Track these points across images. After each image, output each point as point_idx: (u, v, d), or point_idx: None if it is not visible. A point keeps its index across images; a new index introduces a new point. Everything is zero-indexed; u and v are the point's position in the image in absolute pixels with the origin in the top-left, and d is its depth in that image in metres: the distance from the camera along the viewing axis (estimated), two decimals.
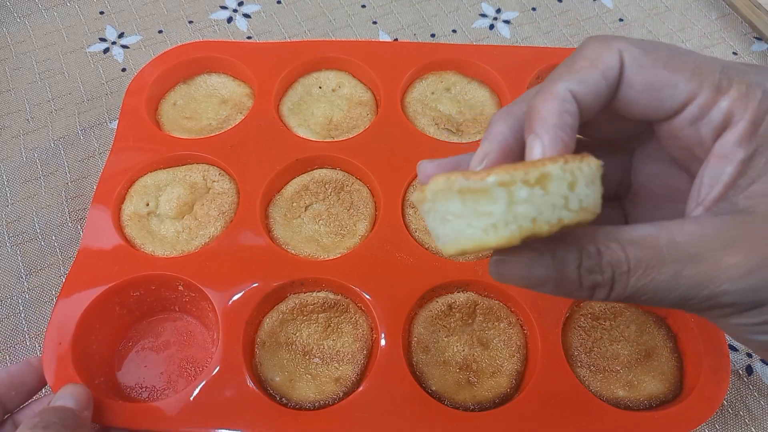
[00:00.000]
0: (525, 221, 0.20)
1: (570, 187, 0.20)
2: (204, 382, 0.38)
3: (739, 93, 0.22)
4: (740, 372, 0.42)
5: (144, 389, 0.41)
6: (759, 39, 0.61)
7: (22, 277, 0.45)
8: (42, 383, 0.37)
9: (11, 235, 0.47)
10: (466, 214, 0.20)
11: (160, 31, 0.61)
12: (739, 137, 0.22)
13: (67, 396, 0.34)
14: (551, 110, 0.23)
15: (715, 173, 0.22)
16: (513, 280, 0.24)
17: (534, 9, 0.64)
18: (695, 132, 0.23)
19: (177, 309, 0.43)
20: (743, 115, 0.22)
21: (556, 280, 0.23)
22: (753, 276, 0.20)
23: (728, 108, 0.22)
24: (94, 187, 0.46)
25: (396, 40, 0.61)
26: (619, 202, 0.30)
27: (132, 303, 0.42)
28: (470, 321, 0.42)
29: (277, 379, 0.40)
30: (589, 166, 0.21)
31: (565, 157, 0.21)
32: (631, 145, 0.28)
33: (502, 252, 0.23)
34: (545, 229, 0.20)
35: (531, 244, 0.23)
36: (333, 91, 0.53)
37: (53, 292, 0.45)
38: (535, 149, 0.22)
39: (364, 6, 0.63)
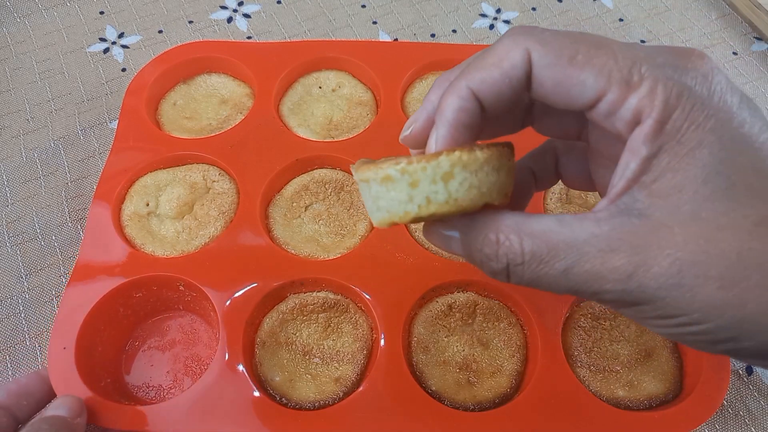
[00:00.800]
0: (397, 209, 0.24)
1: (411, 186, 0.24)
2: (204, 383, 0.38)
3: (648, 89, 0.22)
4: (740, 372, 0.42)
5: (151, 389, 0.41)
6: (759, 39, 0.61)
7: (22, 277, 0.45)
8: (52, 393, 0.37)
9: (11, 235, 0.47)
10: (381, 195, 0.25)
11: (160, 31, 0.61)
12: (645, 135, 0.22)
13: (59, 406, 0.35)
14: (450, 106, 0.24)
15: (623, 167, 0.23)
16: (437, 246, 0.27)
17: (534, 9, 0.64)
18: (611, 124, 0.23)
19: (181, 307, 0.44)
20: (650, 113, 0.21)
21: (466, 257, 0.26)
22: (630, 280, 0.22)
23: (636, 105, 0.22)
24: (94, 187, 0.46)
25: (396, 40, 0.61)
26: (583, 156, 0.30)
27: (135, 304, 0.42)
28: (470, 321, 0.42)
29: (277, 379, 0.40)
30: (441, 164, 0.23)
31: (417, 158, 0.24)
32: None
33: (431, 222, 0.26)
34: (425, 213, 0.24)
35: (452, 220, 0.25)
36: (333, 91, 0.54)
37: (53, 292, 0.45)
38: (430, 141, 0.25)
39: (364, 6, 0.63)
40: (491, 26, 0.62)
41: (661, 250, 0.21)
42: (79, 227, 0.48)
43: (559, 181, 0.33)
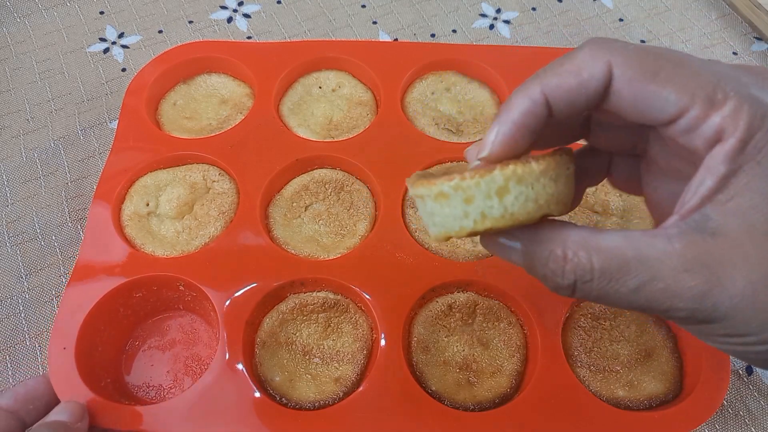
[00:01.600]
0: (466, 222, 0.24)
1: (465, 202, 0.24)
2: (204, 383, 0.38)
3: (732, 109, 0.21)
4: (740, 372, 0.42)
5: (151, 389, 0.41)
6: (759, 39, 0.61)
7: (22, 277, 0.45)
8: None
9: (11, 235, 0.47)
10: (435, 211, 0.25)
11: (160, 31, 0.61)
12: (725, 154, 0.22)
13: (61, 411, 0.35)
14: (519, 106, 0.24)
15: (697, 184, 0.22)
16: (494, 254, 0.27)
17: (534, 9, 0.64)
18: (689, 141, 0.23)
19: (181, 307, 0.44)
20: (734, 132, 0.21)
21: (526, 269, 0.25)
22: (704, 299, 0.22)
23: (719, 123, 0.22)
24: (94, 187, 0.46)
25: (396, 40, 0.61)
26: (637, 160, 0.30)
27: (135, 304, 0.42)
28: (470, 321, 0.42)
29: (277, 379, 0.40)
30: (495, 179, 0.23)
31: (471, 172, 0.23)
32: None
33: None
34: (483, 227, 0.24)
35: (513, 230, 0.25)
36: (333, 91, 0.53)
37: (53, 292, 0.45)
38: (489, 135, 0.25)
39: (364, 6, 0.63)
40: (491, 26, 0.62)
41: (736, 269, 0.21)
42: (79, 227, 0.48)
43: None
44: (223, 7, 0.63)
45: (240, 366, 0.38)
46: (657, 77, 0.22)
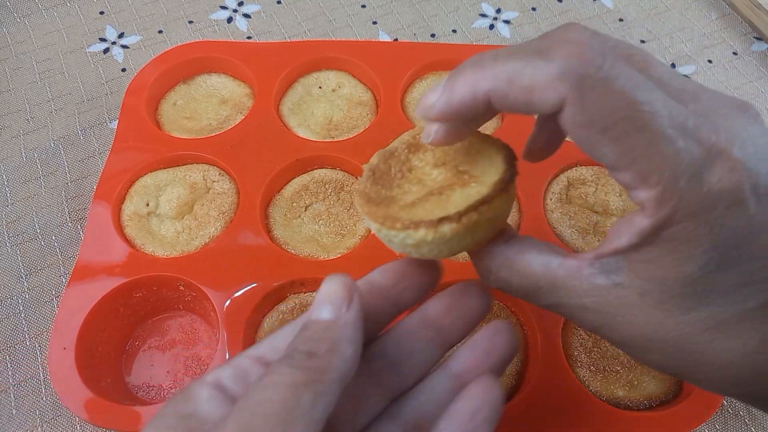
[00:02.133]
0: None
1: (388, 242, 0.26)
2: None
3: (656, 196, 0.21)
4: None
5: (151, 388, 0.41)
6: (759, 39, 0.61)
7: (22, 277, 0.45)
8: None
9: (11, 235, 0.47)
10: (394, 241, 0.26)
11: (160, 31, 0.61)
12: (642, 228, 0.22)
13: (322, 301, 0.25)
14: (458, 95, 0.24)
15: (616, 235, 0.24)
16: None
17: (534, 9, 0.64)
18: (621, 181, 0.23)
19: (181, 307, 0.44)
20: (653, 215, 0.22)
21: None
22: (600, 330, 0.25)
23: (642, 199, 0.22)
24: (94, 187, 0.46)
25: (396, 40, 0.61)
26: None
27: (135, 304, 0.42)
28: None
29: None
30: (408, 237, 0.25)
31: (389, 223, 0.25)
32: None
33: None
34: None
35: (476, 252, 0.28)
36: (333, 91, 0.54)
37: (53, 292, 0.45)
38: (428, 128, 0.26)
39: (364, 6, 0.63)
40: (491, 26, 0.62)
41: (625, 321, 0.24)
42: (79, 227, 0.48)
43: (559, 184, 0.32)
44: (223, 7, 0.63)
45: None
46: (604, 133, 0.22)
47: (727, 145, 0.21)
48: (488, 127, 0.50)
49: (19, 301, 0.44)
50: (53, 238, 0.47)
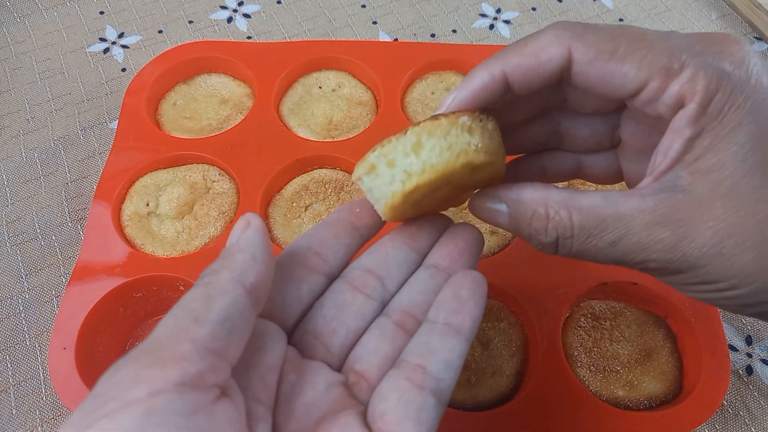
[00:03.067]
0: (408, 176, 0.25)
1: (389, 165, 0.25)
2: None
3: (688, 76, 0.23)
4: (740, 372, 0.42)
5: None
6: (759, 39, 0.61)
7: (22, 277, 0.45)
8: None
9: (11, 235, 0.47)
10: (372, 186, 0.26)
11: (160, 31, 0.61)
12: (688, 118, 0.23)
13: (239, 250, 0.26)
14: (479, 78, 0.26)
15: (666, 147, 0.24)
16: (484, 220, 0.28)
17: (534, 9, 0.64)
18: (654, 109, 0.25)
19: None
20: (692, 97, 0.23)
21: (512, 231, 0.27)
22: (675, 250, 0.23)
23: (678, 91, 0.23)
24: (94, 187, 0.46)
25: (396, 40, 0.61)
26: (615, 150, 0.31)
27: (135, 304, 0.42)
28: None
29: None
30: (408, 137, 0.25)
31: (388, 138, 0.25)
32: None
33: (478, 193, 0.28)
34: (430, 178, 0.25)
35: (496, 192, 0.27)
36: (333, 91, 0.54)
37: (53, 292, 0.45)
38: (445, 99, 0.27)
39: (364, 6, 0.63)
40: (491, 26, 0.62)
41: (704, 222, 0.23)
42: (79, 227, 0.48)
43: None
44: (223, 7, 0.63)
45: None
46: (615, 55, 0.24)
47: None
48: None
49: (19, 301, 0.44)
50: (53, 238, 0.47)
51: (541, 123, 0.31)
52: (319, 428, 0.24)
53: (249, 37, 0.61)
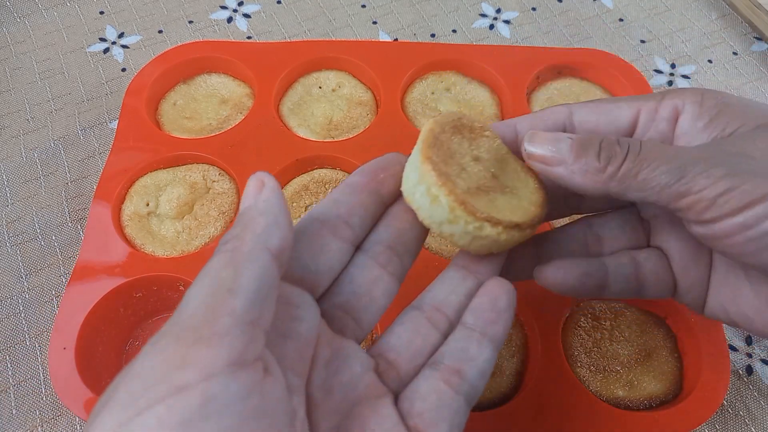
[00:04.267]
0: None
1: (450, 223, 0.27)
2: None
3: (677, 95, 0.28)
4: (740, 372, 0.42)
5: None
6: (759, 39, 0.61)
7: (22, 277, 0.45)
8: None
9: (11, 235, 0.47)
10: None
11: (160, 31, 0.61)
12: (692, 114, 0.27)
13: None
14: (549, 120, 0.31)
15: (685, 128, 0.27)
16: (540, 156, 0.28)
17: (534, 9, 0.64)
18: (656, 130, 0.28)
19: None
20: (686, 105, 0.27)
21: (570, 162, 0.26)
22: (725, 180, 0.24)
23: (673, 103, 0.27)
24: (94, 187, 0.46)
25: (396, 40, 0.61)
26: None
27: (136, 304, 0.42)
28: None
29: None
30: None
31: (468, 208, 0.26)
32: None
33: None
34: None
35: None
36: (333, 91, 0.54)
37: (53, 292, 0.45)
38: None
39: (364, 6, 0.63)
40: (491, 26, 0.62)
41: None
42: (79, 227, 0.48)
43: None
44: (223, 7, 0.63)
45: None
46: (609, 101, 0.30)
47: None
48: None
49: (19, 301, 0.44)
50: (53, 238, 0.47)
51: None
52: (355, 410, 0.24)
53: (249, 37, 0.61)
